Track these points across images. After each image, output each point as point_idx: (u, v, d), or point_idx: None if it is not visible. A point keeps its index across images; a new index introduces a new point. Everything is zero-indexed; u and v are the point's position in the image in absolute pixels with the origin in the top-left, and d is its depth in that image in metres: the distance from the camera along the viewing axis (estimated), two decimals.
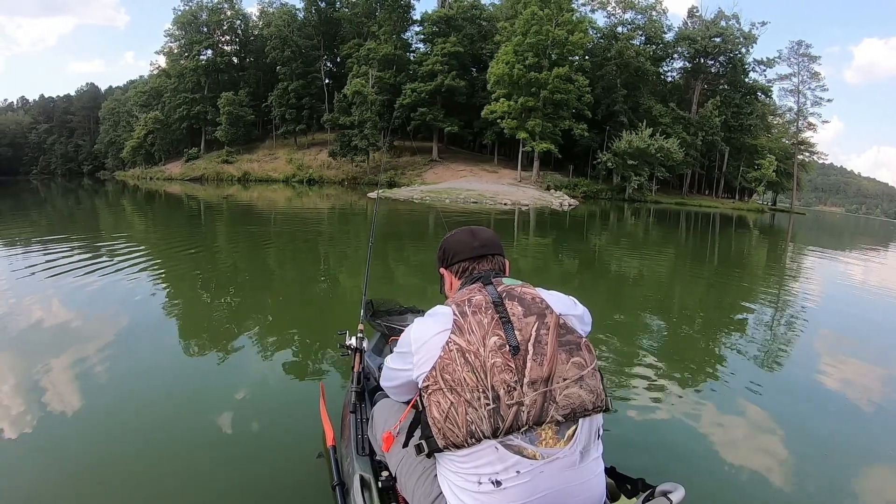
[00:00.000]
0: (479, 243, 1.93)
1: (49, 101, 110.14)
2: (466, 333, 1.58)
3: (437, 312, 1.71)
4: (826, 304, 9.41)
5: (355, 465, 2.16)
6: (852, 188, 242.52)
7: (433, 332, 1.64)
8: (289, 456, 3.14)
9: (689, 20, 65.19)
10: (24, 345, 5.01)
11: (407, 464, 1.85)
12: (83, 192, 41.68)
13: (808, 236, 31.83)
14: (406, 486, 1.85)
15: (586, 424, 1.59)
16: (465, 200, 36.13)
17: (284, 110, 64.29)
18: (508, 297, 1.67)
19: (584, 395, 1.58)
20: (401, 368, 1.78)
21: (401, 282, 9.22)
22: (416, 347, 1.67)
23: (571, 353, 1.60)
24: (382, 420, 2.14)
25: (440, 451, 1.58)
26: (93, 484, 2.83)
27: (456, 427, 1.53)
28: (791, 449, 3.63)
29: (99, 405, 3.75)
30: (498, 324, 1.59)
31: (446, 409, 1.54)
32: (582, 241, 18.52)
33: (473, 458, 1.54)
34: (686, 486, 1.60)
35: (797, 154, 67.60)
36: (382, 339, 3.39)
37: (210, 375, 4.47)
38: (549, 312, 1.64)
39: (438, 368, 1.57)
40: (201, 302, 7.11)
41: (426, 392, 1.60)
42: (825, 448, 3.69)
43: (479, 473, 1.54)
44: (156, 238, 14.38)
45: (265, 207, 27.59)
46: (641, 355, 5.62)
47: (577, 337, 1.64)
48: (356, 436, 2.34)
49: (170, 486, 2.83)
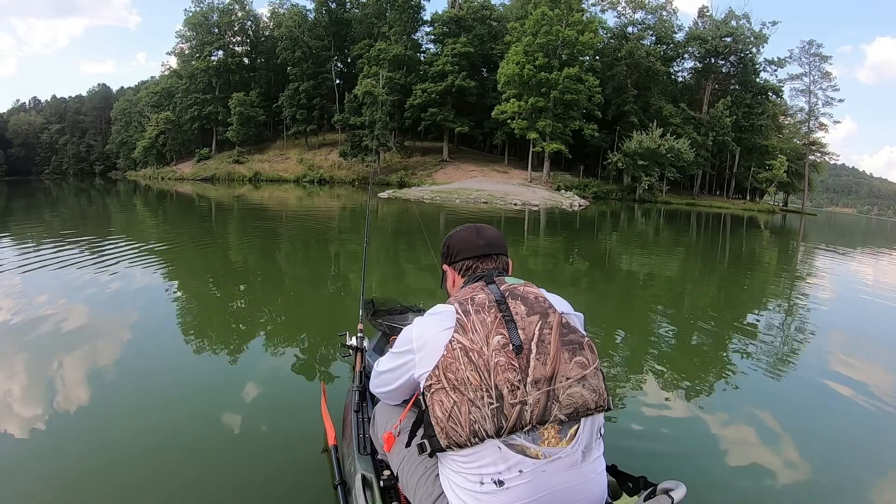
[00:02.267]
0: (485, 242, 1.93)
1: (61, 102, 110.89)
2: (470, 332, 1.58)
3: (439, 311, 1.72)
4: (837, 305, 9.36)
5: (357, 465, 2.16)
6: (864, 189, 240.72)
7: (436, 331, 1.65)
8: (290, 455, 3.15)
9: (699, 20, 64.84)
10: (32, 340, 5.09)
11: (409, 463, 1.86)
12: (95, 192, 41.82)
13: (820, 237, 31.59)
14: (408, 485, 1.86)
15: (588, 424, 1.61)
16: (475, 201, 36.16)
17: (295, 111, 64.55)
18: (511, 296, 1.67)
19: (587, 395, 1.58)
20: (398, 367, 1.80)
21: (410, 281, 9.25)
22: (418, 346, 1.68)
23: (574, 352, 1.60)
24: (384, 420, 2.15)
25: (442, 451, 1.59)
26: (93, 484, 2.83)
27: (459, 426, 1.53)
28: (796, 450, 3.62)
29: (100, 404, 3.76)
30: (501, 323, 1.59)
31: (449, 408, 1.55)
32: (592, 241, 18.49)
33: (476, 457, 1.55)
34: (688, 485, 1.61)
35: (808, 154, 67.02)
36: (384, 339, 3.38)
37: (211, 375, 4.49)
38: (551, 311, 1.64)
39: (441, 367, 1.58)
40: (205, 302, 7.17)
41: (429, 391, 1.60)
42: (830, 450, 3.67)
43: (481, 473, 1.54)
44: (166, 236, 14.49)
45: (276, 207, 27.72)
46: (648, 353, 5.65)
47: (579, 336, 1.65)
48: (358, 435, 2.34)
49: (171, 485, 2.85)
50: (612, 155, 52.54)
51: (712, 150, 58.26)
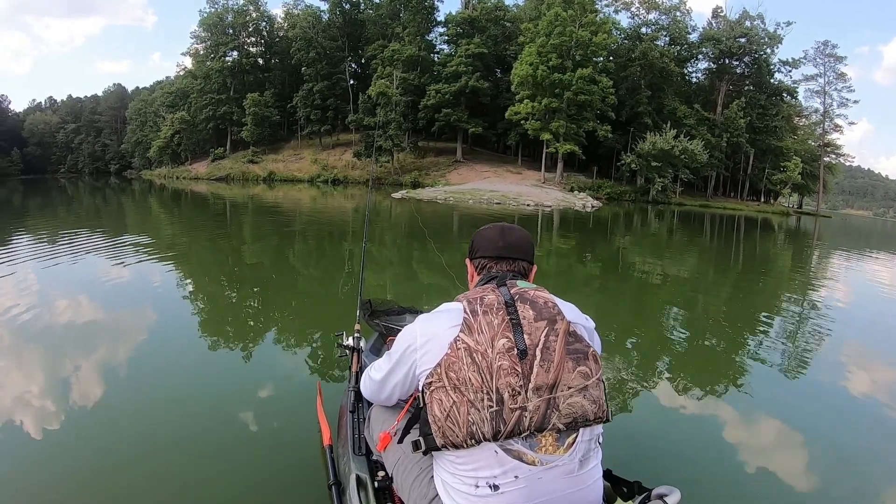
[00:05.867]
0: (505, 244, 1.89)
1: (77, 102, 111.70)
2: (476, 333, 1.58)
3: (446, 308, 1.71)
4: (852, 310, 9.28)
5: (352, 465, 2.17)
6: (880, 191, 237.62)
7: (442, 328, 1.64)
8: (285, 455, 3.17)
9: (713, 20, 64.40)
10: (44, 334, 5.24)
11: (403, 464, 1.86)
12: (110, 191, 42.22)
13: (835, 240, 31.35)
14: (402, 486, 1.86)
15: (586, 433, 1.61)
16: (488, 201, 36.23)
17: (309, 111, 64.96)
18: (521, 300, 1.65)
19: (587, 405, 1.58)
20: (397, 364, 1.79)
21: (410, 280, 9.27)
22: (422, 342, 1.67)
23: (578, 361, 1.59)
24: (380, 420, 2.15)
25: (438, 450, 1.59)
26: (93, 484, 2.87)
27: (456, 426, 1.53)
28: (795, 457, 3.62)
29: (102, 404, 3.81)
30: (508, 326, 1.58)
31: (448, 407, 1.55)
32: (605, 242, 18.52)
33: (472, 460, 1.55)
34: (683, 491, 1.60)
35: (823, 156, 66.57)
36: (380, 339, 3.37)
37: (206, 374, 4.53)
38: (559, 318, 1.63)
39: (444, 366, 1.57)
40: (201, 301, 7.26)
41: (428, 389, 1.60)
42: (830, 457, 3.63)
43: (476, 476, 1.54)
44: (180, 236, 14.73)
45: (290, 207, 27.94)
46: (657, 355, 5.68)
47: (584, 346, 1.64)
48: (353, 435, 2.35)
49: (165, 486, 2.87)
50: (626, 156, 52.31)
51: (726, 151, 57.82)
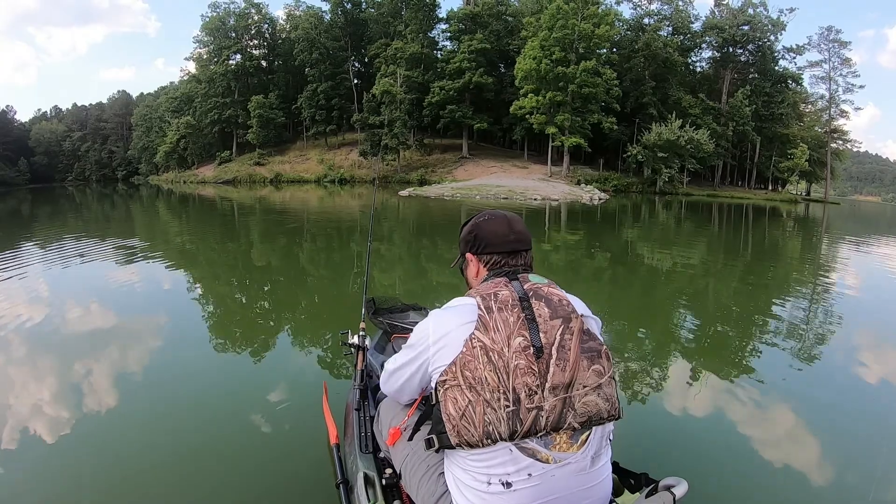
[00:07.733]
0: (515, 237, 1.87)
1: (82, 110, 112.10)
2: (492, 331, 1.55)
3: (459, 304, 1.68)
4: (864, 298, 9.11)
5: (359, 463, 2.17)
6: (889, 176, 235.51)
7: (455, 324, 1.61)
8: (292, 454, 3.19)
9: (715, 9, 64.02)
10: (57, 339, 5.33)
11: (412, 461, 1.85)
12: (118, 197, 42.34)
13: (844, 227, 31.16)
14: (410, 483, 1.85)
15: (598, 431, 1.61)
16: (495, 197, 36.29)
17: (314, 111, 65.16)
18: (535, 297, 1.63)
19: (601, 404, 1.58)
20: (412, 360, 1.76)
21: (435, 279, 9.28)
22: (435, 339, 1.64)
23: (592, 360, 1.59)
24: (389, 416, 2.13)
25: (452, 448, 1.57)
26: (91, 483, 2.91)
27: (472, 426, 1.51)
28: (807, 447, 3.60)
29: (104, 404, 3.86)
30: (524, 324, 1.56)
31: (463, 406, 1.53)
32: (613, 234, 18.52)
33: (486, 457, 1.54)
34: (691, 482, 1.61)
35: (830, 142, 66.07)
36: (385, 337, 3.40)
37: (211, 374, 4.57)
38: (574, 316, 1.61)
39: (459, 364, 1.55)
40: (212, 304, 7.32)
41: (442, 387, 1.58)
42: (843, 446, 3.58)
43: (489, 473, 1.54)
44: (188, 239, 14.86)
45: (298, 207, 28.14)
46: (666, 347, 5.67)
47: (598, 344, 1.63)
48: (360, 433, 2.34)
49: (173, 483, 2.91)
50: (632, 148, 52.21)
51: (732, 140, 57.67)
